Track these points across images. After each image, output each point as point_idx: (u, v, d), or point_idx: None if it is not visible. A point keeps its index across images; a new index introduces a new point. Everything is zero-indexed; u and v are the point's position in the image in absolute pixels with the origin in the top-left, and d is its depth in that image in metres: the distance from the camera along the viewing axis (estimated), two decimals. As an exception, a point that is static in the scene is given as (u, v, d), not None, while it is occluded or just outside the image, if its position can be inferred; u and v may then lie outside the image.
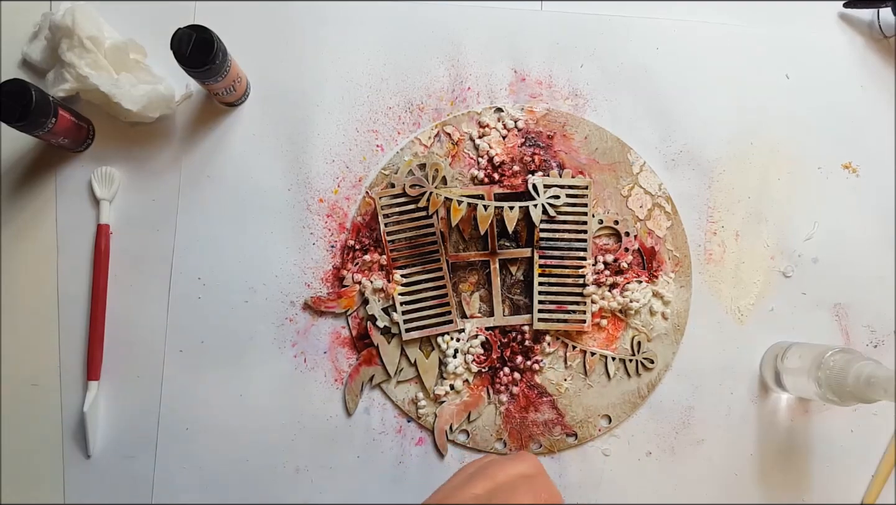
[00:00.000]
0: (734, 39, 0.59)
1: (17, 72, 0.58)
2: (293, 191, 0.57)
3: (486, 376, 0.56)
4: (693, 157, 0.58)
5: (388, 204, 0.56)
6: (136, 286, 0.56)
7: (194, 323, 0.56)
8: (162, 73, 0.56)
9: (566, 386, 0.56)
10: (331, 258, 0.57)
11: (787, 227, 0.58)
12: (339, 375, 0.56)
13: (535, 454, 0.49)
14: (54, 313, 0.56)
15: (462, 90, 0.59)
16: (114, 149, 0.57)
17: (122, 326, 0.56)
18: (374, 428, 0.56)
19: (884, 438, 0.57)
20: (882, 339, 0.57)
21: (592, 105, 0.59)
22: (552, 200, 0.55)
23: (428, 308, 0.55)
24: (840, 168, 0.59)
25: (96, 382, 0.55)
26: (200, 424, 0.55)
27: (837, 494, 0.56)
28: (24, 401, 0.56)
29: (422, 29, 0.59)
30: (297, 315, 0.57)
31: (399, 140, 0.58)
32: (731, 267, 0.58)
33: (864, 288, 0.57)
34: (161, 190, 0.57)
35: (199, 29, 0.50)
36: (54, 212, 0.57)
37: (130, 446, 0.55)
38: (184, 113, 0.58)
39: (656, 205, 0.57)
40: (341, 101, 0.58)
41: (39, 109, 0.50)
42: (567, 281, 0.56)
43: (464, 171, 0.57)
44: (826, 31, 0.60)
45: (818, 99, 0.59)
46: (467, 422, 0.56)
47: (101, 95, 0.54)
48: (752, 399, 0.56)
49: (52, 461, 0.55)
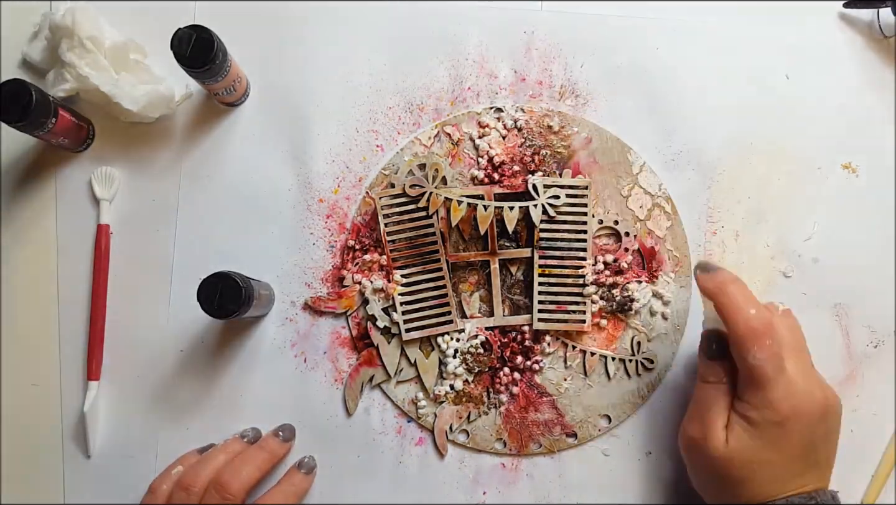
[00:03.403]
0: (734, 39, 0.59)
1: (17, 72, 0.58)
2: (293, 191, 0.57)
3: (486, 376, 0.56)
4: (693, 157, 0.58)
5: (388, 204, 0.56)
6: (136, 286, 0.56)
7: (194, 323, 0.56)
8: (162, 73, 0.56)
9: (566, 386, 0.56)
10: (331, 258, 0.57)
11: (787, 227, 0.58)
12: (339, 376, 0.56)
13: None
14: (54, 313, 0.56)
15: (462, 90, 0.59)
16: (114, 149, 0.58)
17: (122, 326, 0.56)
18: (374, 428, 0.56)
19: (884, 438, 0.57)
20: (882, 339, 0.57)
21: (592, 105, 0.59)
22: (552, 200, 0.55)
23: (428, 308, 0.55)
24: (840, 168, 0.59)
25: (96, 382, 0.55)
26: (201, 425, 0.55)
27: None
28: (24, 401, 0.56)
29: (422, 29, 0.59)
30: (297, 315, 0.57)
31: (399, 140, 0.58)
32: (731, 267, 0.57)
33: (864, 288, 0.57)
34: (161, 190, 0.57)
35: (199, 29, 0.50)
36: (54, 212, 0.57)
37: (130, 446, 0.55)
38: (184, 113, 0.58)
39: (656, 205, 0.57)
40: (341, 102, 0.58)
41: (39, 109, 0.50)
42: (567, 281, 0.56)
43: (464, 171, 0.57)
44: (826, 31, 0.60)
45: (818, 99, 0.59)
46: (467, 422, 0.56)
47: (101, 95, 0.54)
48: (752, 399, 0.56)
49: (52, 461, 0.55)
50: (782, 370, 0.45)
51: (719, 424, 0.47)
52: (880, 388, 0.57)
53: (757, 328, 0.45)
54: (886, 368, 0.57)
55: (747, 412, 0.46)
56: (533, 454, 0.56)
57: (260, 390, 0.56)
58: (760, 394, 0.45)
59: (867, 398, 0.56)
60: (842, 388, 0.56)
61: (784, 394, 0.45)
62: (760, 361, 0.45)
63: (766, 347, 0.45)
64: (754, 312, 0.46)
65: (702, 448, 0.48)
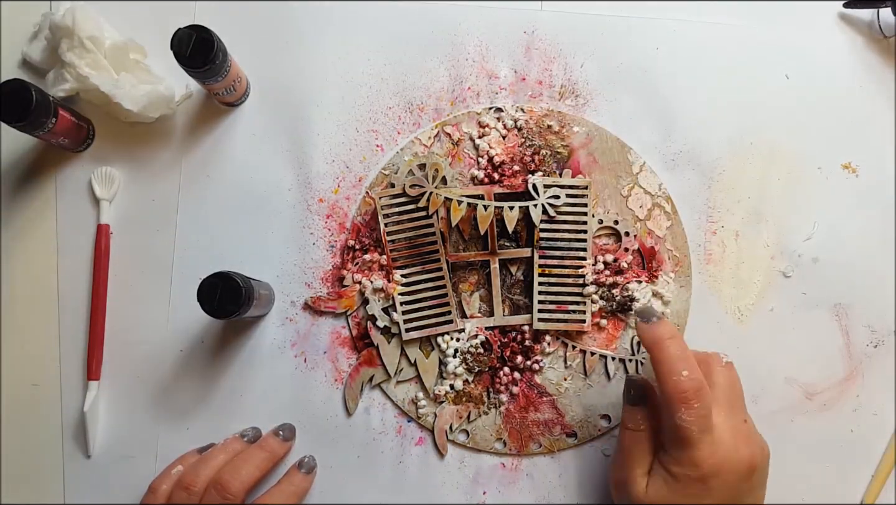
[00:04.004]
0: (734, 39, 0.59)
1: (17, 72, 0.58)
2: (293, 191, 0.57)
3: (486, 376, 0.56)
4: (693, 157, 0.58)
5: (388, 204, 0.56)
6: (136, 286, 0.56)
7: (194, 323, 0.56)
8: (162, 73, 0.56)
9: (566, 386, 0.56)
10: (331, 258, 0.57)
11: (787, 228, 0.58)
12: (339, 375, 0.56)
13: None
14: (54, 313, 0.56)
15: (462, 90, 0.59)
16: (114, 149, 0.58)
17: (122, 326, 0.56)
18: (374, 428, 0.56)
19: (884, 438, 0.57)
20: (882, 339, 0.57)
21: (592, 105, 0.59)
22: (552, 200, 0.55)
23: (428, 308, 0.55)
24: (840, 168, 0.59)
25: (96, 382, 0.55)
26: (201, 425, 0.55)
27: (837, 494, 0.56)
28: (24, 401, 0.56)
29: (422, 29, 0.59)
30: (297, 315, 0.57)
31: (399, 140, 0.58)
32: (731, 267, 0.58)
33: (864, 288, 0.57)
34: (161, 190, 0.57)
35: (199, 29, 0.50)
36: (54, 212, 0.57)
37: (130, 446, 0.55)
38: (184, 113, 0.58)
39: (656, 205, 0.58)
40: (341, 101, 0.58)
41: (39, 109, 0.50)
42: (567, 281, 0.56)
43: (464, 171, 0.57)
44: (826, 31, 0.60)
45: (818, 99, 0.59)
46: (467, 422, 0.56)
47: (101, 95, 0.54)
48: (753, 399, 0.56)
49: (52, 461, 0.55)
50: (709, 430, 0.45)
51: (638, 471, 0.47)
52: (880, 388, 0.57)
53: (686, 391, 0.45)
54: (886, 368, 0.57)
55: (669, 466, 0.46)
56: (533, 454, 0.56)
57: (260, 390, 0.56)
58: (684, 452, 0.45)
59: (867, 398, 0.56)
60: (842, 388, 0.57)
61: (707, 453, 0.45)
62: (686, 423, 0.45)
63: (693, 409, 0.45)
64: (686, 373, 0.45)
65: (625, 491, 0.48)
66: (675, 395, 0.45)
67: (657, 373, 0.46)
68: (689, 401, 0.45)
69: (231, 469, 0.50)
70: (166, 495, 0.50)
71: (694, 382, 0.45)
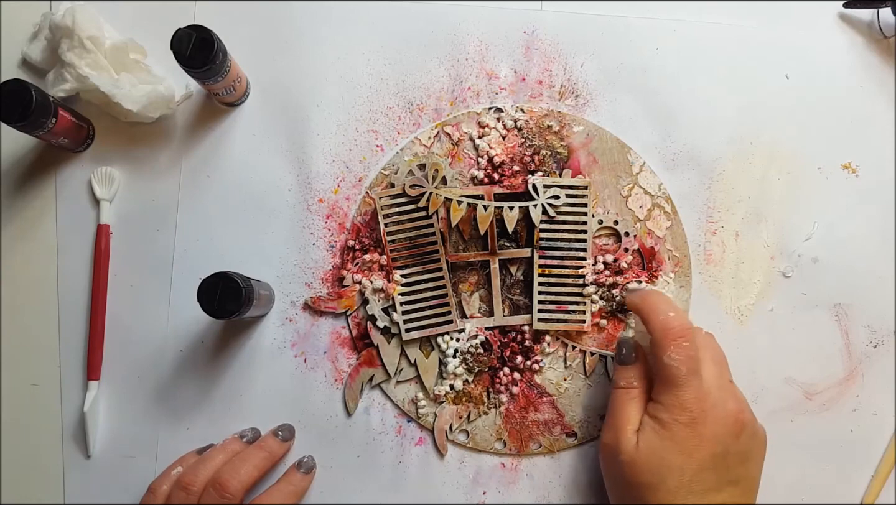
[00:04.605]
0: (734, 39, 0.59)
1: (17, 72, 0.58)
2: (293, 191, 0.57)
3: (486, 376, 0.56)
4: (693, 157, 0.58)
5: (388, 204, 0.56)
6: (136, 286, 0.56)
7: (194, 323, 0.56)
8: (162, 73, 0.56)
9: (566, 386, 0.56)
10: (331, 258, 0.57)
11: (787, 227, 0.58)
12: (339, 376, 0.56)
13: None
14: (54, 313, 0.56)
15: (462, 90, 0.59)
16: (114, 149, 0.58)
17: (122, 326, 0.56)
18: (374, 428, 0.56)
19: (884, 438, 0.57)
20: (882, 339, 0.57)
21: (592, 105, 0.59)
22: (552, 201, 0.55)
23: (428, 308, 0.56)
24: (840, 168, 0.59)
25: (96, 382, 0.55)
26: (201, 425, 0.55)
27: (837, 494, 0.56)
28: (24, 401, 0.56)
29: (422, 29, 0.59)
30: (297, 315, 0.57)
31: (399, 140, 0.58)
32: (731, 267, 0.58)
33: (864, 288, 0.57)
34: (161, 190, 0.57)
35: (199, 29, 0.50)
36: (54, 212, 0.57)
37: (130, 446, 0.55)
38: (184, 113, 0.58)
39: (656, 205, 0.58)
40: (341, 101, 0.58)
41: (39, 109, 0.50)
42: (567, 281, 0.56)
43: (464, 171, 0.57)
44: (826, 31, 0.60)
45: (818, 99, 0.59)
46: (467, 422, 0.56)
47: (101, 95, 0.54)
48: (753, 399, 0.56)
49: (52, 461, 0.55)
50: (696, 373, 0.46)
51: (629, 428, 0.48)
52: (880, 388, 0.57)
53: (674, 328, 0.46)
54: (886, 368, 0.57)
55: (658, 413, 0.46)
56: (533, 454, 0.56)
57: (260, 390, 0.56)
58: (672, 393, 0.46)
59: (867, 398, 0.57)
60: (842, 388, 0.57)
61: (695, 396, 0.46)
62: (675, 362, 0.46)
63: (682, 348, 0.46)
64: (673, 315, 0.47)
65: (614, 454, 0.48)
66: (664, 332, 0.46)
67: (645, 320, 0.48)
68: (678, 338, 0.46)
69: (229, 469, 0.50)
70: (165, 495, 0.50)
71: (680, 321, 0.47)
